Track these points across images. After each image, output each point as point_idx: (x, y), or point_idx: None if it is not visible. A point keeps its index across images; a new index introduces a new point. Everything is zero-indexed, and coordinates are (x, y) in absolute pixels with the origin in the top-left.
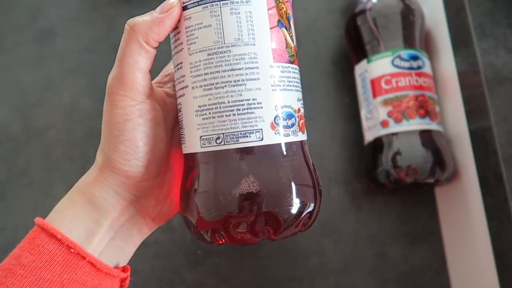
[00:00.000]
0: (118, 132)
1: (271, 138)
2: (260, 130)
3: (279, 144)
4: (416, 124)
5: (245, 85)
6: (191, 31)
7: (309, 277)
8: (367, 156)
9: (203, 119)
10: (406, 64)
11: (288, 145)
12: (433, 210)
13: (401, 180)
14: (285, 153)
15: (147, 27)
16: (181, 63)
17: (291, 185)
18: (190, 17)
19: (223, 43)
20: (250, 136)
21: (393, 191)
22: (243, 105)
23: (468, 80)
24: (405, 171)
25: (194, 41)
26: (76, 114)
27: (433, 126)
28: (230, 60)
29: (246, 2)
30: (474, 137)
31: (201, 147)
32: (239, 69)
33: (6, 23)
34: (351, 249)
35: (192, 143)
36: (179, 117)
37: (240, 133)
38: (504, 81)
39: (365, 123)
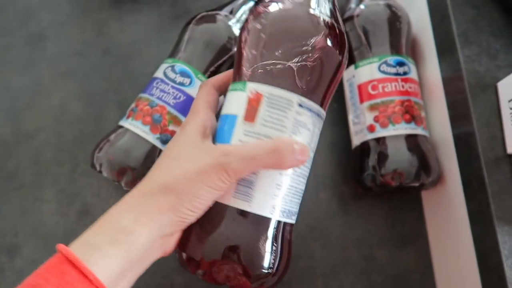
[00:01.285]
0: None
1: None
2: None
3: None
4: (402, 129)
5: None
6: None
7: (297, 281)
8: (354, 160)
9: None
10: (393, 70)
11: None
12: (419, 214)
13: (387, 184)
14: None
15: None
16: None
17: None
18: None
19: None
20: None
21: (380, 195)
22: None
23: (452, 86)
24: (391, 175)
25: None
26: (66, 118)
27: (418, 131)
28: None
29: None
30: (458, 142)
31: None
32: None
33: None
34: (338, 253)
35: None
36: None
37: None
38: (486, 87)
39: (352, 128)
